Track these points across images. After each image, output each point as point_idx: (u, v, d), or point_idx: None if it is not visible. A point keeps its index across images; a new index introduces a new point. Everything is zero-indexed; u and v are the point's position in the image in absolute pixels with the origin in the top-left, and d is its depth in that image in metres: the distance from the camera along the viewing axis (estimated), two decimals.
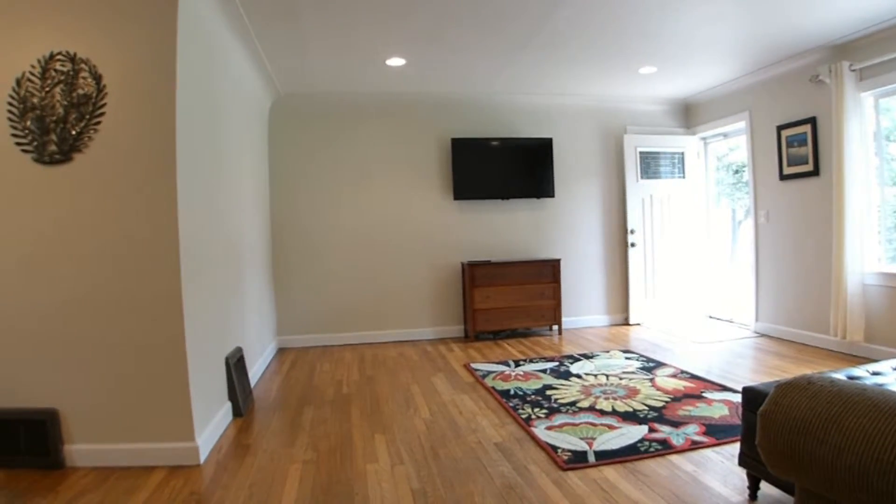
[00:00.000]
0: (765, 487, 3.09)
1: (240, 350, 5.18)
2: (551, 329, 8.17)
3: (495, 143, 7.99)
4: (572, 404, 4.81)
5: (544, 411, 4.67)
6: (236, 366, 4.92)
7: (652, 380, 5.43)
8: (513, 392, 5.23)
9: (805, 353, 6.24)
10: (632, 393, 5.04)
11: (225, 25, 4.92)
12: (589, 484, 3.36)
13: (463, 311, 8.10)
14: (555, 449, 3.85)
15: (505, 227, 8.23)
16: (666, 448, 3.81)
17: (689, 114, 8.70)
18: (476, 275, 7.68)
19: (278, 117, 7.62)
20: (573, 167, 8.40)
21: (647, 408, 4.63)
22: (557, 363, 6.23)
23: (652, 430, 4.14)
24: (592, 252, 8.50)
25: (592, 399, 4.92)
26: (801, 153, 6.58)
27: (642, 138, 8.40)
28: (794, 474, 2.01)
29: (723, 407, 4.55)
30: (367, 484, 3.47)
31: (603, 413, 4.56)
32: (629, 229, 8.37)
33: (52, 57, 3.67)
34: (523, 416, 4.55)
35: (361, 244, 7.86)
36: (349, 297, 7.85)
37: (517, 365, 6.24)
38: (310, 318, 7.77)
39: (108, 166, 3.72)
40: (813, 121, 6.40)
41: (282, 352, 7.46)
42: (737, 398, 4.68)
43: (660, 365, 5.97)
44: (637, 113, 8.58)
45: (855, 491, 1.76)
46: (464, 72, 6.92)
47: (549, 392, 5.19)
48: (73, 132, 3.68)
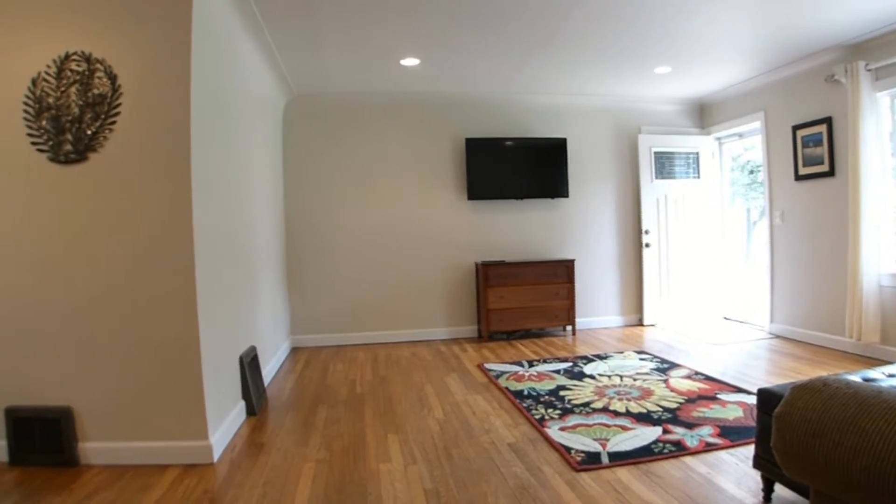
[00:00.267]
0: (779, 490, 3.07)
1: (254, 349, 5.20)
2: (565, 329, 8.15)
3: (509, 143, 7.98)
4: (586, 405, 4.80)
5: (558, 412, 4.66)
6: (250, 365, 4.94)
7: (666, 381, 5.40)
8: (526, 392, 5.22)
9: (820, 355, 6.20)
10: (646, 394, 5.03)
11: (239, 25, 4.93)
12: (602, 485, 3.35)
13: (476, 312, 8.10)
14: (568, 450, 3.84)
15: (519, 228, 8.21)
16: (680, 450, 3.79)
17: (704, 114, 8.65)
18: (490, 275, 7.68)
19: (292, 117, 7.64)
20: (587, 167, 8.37)
21: (661, 409, 4.61)
22: (571, 364, 6.21)
23: (666, 431, 4.12)
24: (606, 252, 8.48)
25: (606, 400, 4.91)
26: (817, 153, 6.53)
27: (657, 138, 8.36)
28: (810, 476, 2.00)
29: (737, 409, 4.53)
30: (380, 484, 3.47)
31: (617, 414, 4.54)
32: (644, 230, 8.34)
33: (67, 57, 3.70)
34: (537, 417, 4.54)
35: (375, 244, 7.87)
36: (363, 296, 7.86)
37: (531, 365, 6.22)
38: (323, 317, 7.78)
39: (124, 166, 3.74)
40: (828, 121, 6.35)
41: (295, 351, 7.48)
42: (751, 400, 4.65)
43: (674, 366, 5.94)
44: (652, 113, 8.55)
45: (871, 493, 1.75)
46: (478, 71, 6.92)
47: (562, 393, 5.18)
48: (89, 132, 3.70)
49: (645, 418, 4.41)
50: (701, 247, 8.55)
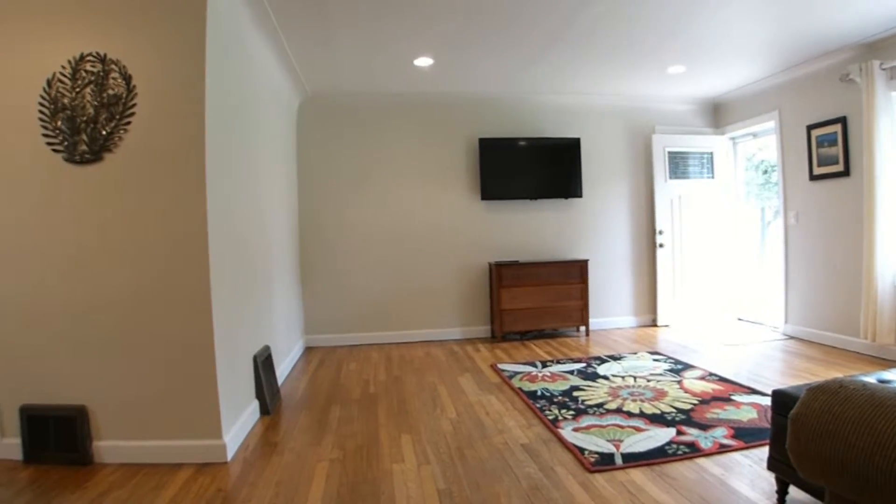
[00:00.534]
0: (793, 492, 3.06)
1: (268, 348, 5.21)
2: (578, 330, 8.14)
3: (523, 143, 7.97)
4: (599, 406, 4.79)
5: (571, 413, 4.65)
6: (264, 364, 4.95)
7: (680, 382, 5.39)
8: (539, 393, 5.22)
9: (834, 356, 6.16)
10: (659, 395, 5.01)
11: (253, 25, 4.95)
12: (616, 486, 3.34)
13: (490, 312, 8.09)
14: (581, 451, 3.84)
15: (532, 228, 8.20)
16: (694, 451, 3.77)
17: (718, 113, 8.62)
18: (503, 275, 7.67)
19: (306, 117, 7.66)
20: (601, 167, 8.36)
21: (674, 410, 4.60)
22: (585, 364, 6.20)
23: (680, 432, 4.11)
24: (620, 253, 8.45)
25: (620, 401, 4.90)
26: (832, 153, 6.49)
27: (671, 138, 8.33)
28: (825, 478, 1.99)
29: (751, 410, 4.51)
30: (394, 483, 3.47)
31: (630, 415, 4.53)
32: (657, 230, 8.31)
33: (82, 58, 3.72)
34: (550, 418, 4.54)
35: (388, 244, 7.88)
36: (376, 296, 7.87)
37: (544, 366, 6.21)
38: (337, 317, 7.80)
39: (138, 166, 3.76)
40: (843, 120, 6.31)
41: (309, 350, 7.50)
42: (765, 401, 4.63)
43: (688, 367, 5.92)
44: (665, 113, 8.52)
45: (887, 494, 1.74)
46: (492, 71, 6.91)
47: (576, 393, 5.17)
48: (104, 132, 3.72)
49: (659, 419, 4.40)
50: (715, 247, 8.52)
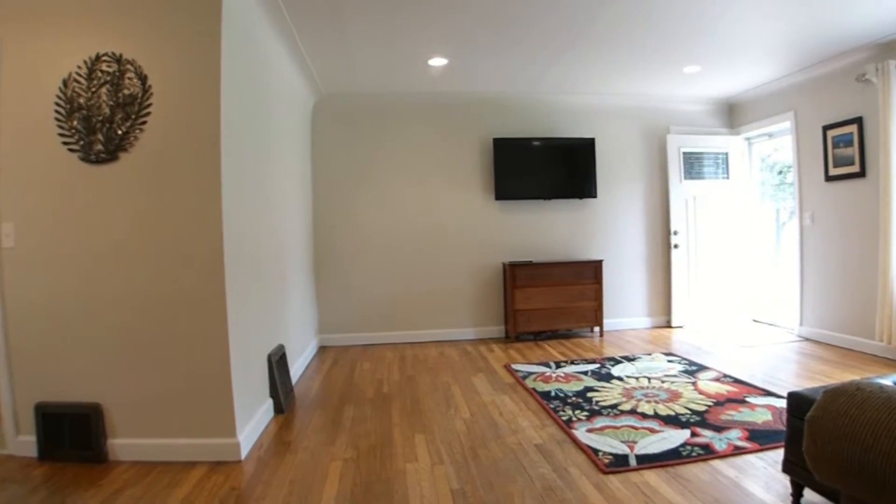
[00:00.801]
0: (808, 495, 3.04)
1: (282, 347, 5.22)
2: (592, 331, 8.12)
3: (537, 143, 7.96)
4: (613, 407, 4.78)
5: (585, 413, 4.64)
6: (278, 363, 4.96)
7: (694, 383, 5.36)
8: (553, 393, 5.21)
9: (850, 358, 6.12)
10: (674, 396, 4.99)
11: (268, 25, 4.96)
12: (630, 488, 3.33)
13: (504, 312, 8.09)
14: (595, 452, 3.83)
15: (547, 228, 8.19)
16: (708, 453, 3.76)
17: (733, 114, 8.58)
18: (517, 275, 7.66)
19: (320, 117, 7.68)
20: (615, 167, 8.33)
21: (689, 412, 4.58)
22: (599, 365, 6.18)
23: (694, 434, 4.09)
24: (635, 253, 8.43)
25: (634, 402, 4.88)
26: (848, 154, 6.45)
27: (686, 139, 8.30)
28: (841, 481, 1.98)
29: (766, 412, 4.48)
30: (407, 483, 3.48)
31: (644, 416, 4.51)
32: (672, 230, 8.28)
33: (98, 58, 3.75)
34: (564, 418, 4.53)
35: (402, 243, 7.89)
36: (390, 296, 7.88)
37: (558, 366, 6.20)
38: (351, 316, 7.81)
39: (154, 165, 3.79)
40: (859, 121, 6.27)
41: (323, 350, 7.51)
42: (780, 403, 4.60)
43: (702, 368, 5.89)
44: (680, 113, 8.48)
45: None
46: (506, 71, 6.91)
47: (590, 394, 5.15)
48: (119, 132, 3.74)
49: (673, 421, 4.38)
50: (730, 248, 8.47)
